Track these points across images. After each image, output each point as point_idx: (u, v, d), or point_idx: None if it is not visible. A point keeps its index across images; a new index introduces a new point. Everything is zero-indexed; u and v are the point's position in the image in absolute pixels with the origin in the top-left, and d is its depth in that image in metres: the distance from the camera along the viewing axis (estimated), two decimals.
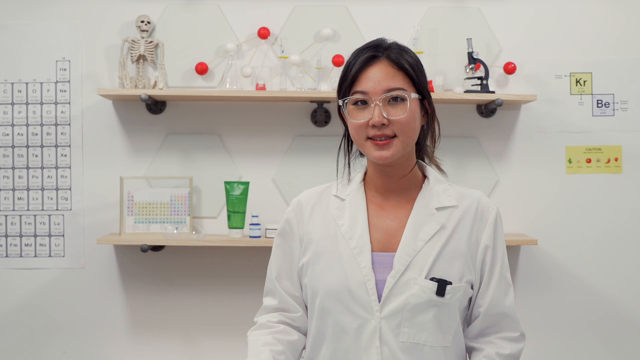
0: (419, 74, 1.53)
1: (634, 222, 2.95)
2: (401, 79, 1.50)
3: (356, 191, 1.60)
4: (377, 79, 1.49)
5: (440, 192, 1.59)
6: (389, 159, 1.50)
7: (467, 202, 1.58)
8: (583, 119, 2.95)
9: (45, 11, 2.90)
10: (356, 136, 1.53)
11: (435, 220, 1.54)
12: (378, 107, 1.48)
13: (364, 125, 1.50)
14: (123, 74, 2.82)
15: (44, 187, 2.92)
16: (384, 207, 1.58)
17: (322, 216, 1.60)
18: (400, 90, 1.49)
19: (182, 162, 2.92)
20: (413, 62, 1.53)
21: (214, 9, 2.92)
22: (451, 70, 2.92)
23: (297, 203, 1.64)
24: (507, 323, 1.57)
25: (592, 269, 2.95)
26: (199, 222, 2.93)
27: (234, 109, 2.91)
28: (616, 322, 2.95)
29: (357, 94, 1.50)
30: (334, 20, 2.91)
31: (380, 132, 1.48)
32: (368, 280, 1.50)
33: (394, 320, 1.49)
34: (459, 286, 1.51)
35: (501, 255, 1.57)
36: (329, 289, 1.53)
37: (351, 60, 1.53)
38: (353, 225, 1.56)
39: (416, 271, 1.50)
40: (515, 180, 2.94)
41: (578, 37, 2.95)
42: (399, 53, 1.52)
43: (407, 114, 1.49)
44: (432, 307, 1.49)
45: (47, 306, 2.92)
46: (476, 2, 2.93)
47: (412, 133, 1.53)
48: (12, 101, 2.91)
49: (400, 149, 1.51)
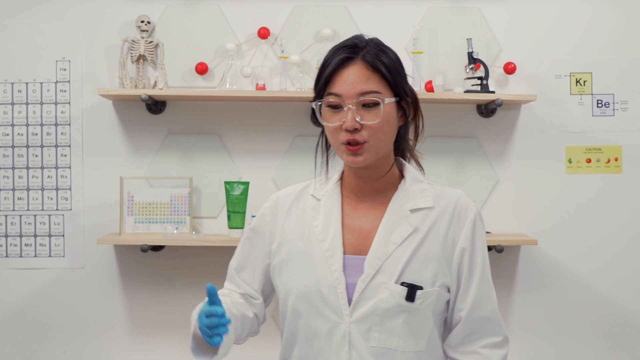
0: (396, 75, 1.49)
1: (634, 222, 2.95)
2: (376, 82, 1.46)
3: (332, 191, 1.57)
4: (351, 82, 1.45)
5: (416, 193, 1.54)
6: (361, 163, 1.47)
7: (445, 202, 1.54)
8: (583, 119, 2.95)
9: (45, 11, 2.90)
10: (332, 139, 1.50)
11: (408, 222, 1.51)
12: (351, 111, 1.44)
13: (337, 129, 1.46)
14: (123, 74, 2.82)
15: (44, 187, 2.92)
16: (358, 208, 1.55)
17: (298, 216, 1.58)
18: (375, 94, 1.45)
19: (182, 162, 2.92)
20: (390, 63, 1.48)
21: (214, 9, 2.92)
22: (451, 70, 2.92)
23: (275, 200, 1.62)
24: (490, 327, 1.54)
25: (592, 269, 2.95)
26: (199, 222, 2.93)
27: (234, 109, 2.91)
28: (616, 322, 2.95)
29: (331, 96, 1.47)
30: (334, 20, 2.91)
31: (353, 136, 1.45)
32: (339, 283, 1.48)
33: (363, 324, 1.47)
34: (431, 291, 1.48)
35: (481, 258, 1.53)
36: (301, 291, 1.51)
37: (327, 59, 1.49)
38: (326, 226, 1.53)
39: (387, 275, 1.47)
40: (515, 180, 2.94)
41: (578, 37, 2.95)
42: (376, 54, 1.47)
43: (380, 119, 1.45)
44: (402, 312, 1.46)
45: (47, 306, 2.92)
46: (476, 2, 2.93)
47: (385, 137, 1.49)
48: (12, 101, 2.91)
49: (373, 154, 1.48)
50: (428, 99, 2.80)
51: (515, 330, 2.94)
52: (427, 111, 2.92)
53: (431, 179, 1.65)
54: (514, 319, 2.94)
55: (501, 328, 1.55)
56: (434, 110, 2.92)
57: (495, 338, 1.54)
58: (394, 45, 2.97)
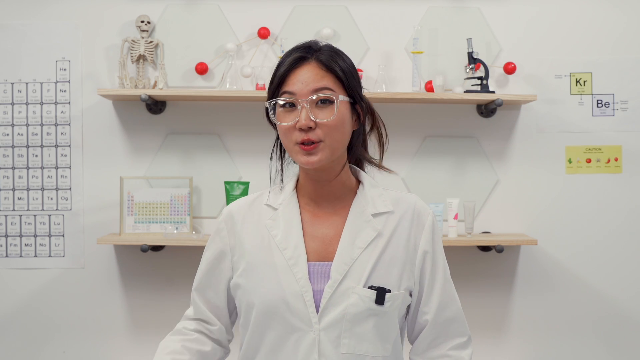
0: (350, 78, 1.48)
1: (634, 222, 2.95)
2: (330, 81, 1.45)
3: (289, 200, 1.54)
4: (304, 80, 1.44)
5: (375, 198, 1.53)
6: (316, 164, 1.44)
7: (404, 207, 1.53)
8: (583, 119, 2.95)
9: (45, 11, 2.90)
10: (285, 140, 1.47)
11: (371, 226, 1.50)
12: (305, 109, 1.42)
13: (291, 129, 1.44)
14: (123, 74, 2.82)
15: (44, 187, 2.92)
16: (318, 215, 1.53)
17: (254, 227, 1.54)
18: (328, 91, 1.44)
19: (182, 162, 2.92)
20: (344, 65, 1.48)
21: (214, 9, 2.92)
22: (451, 70, 2.92)
23: (228, 213, 1.58)
24: (456, 328, 1.54)
25: (592, 269, 2.95)
26: (199, 222, 2.93)
27: (234, 109, 2.91)
28: (616, 322, 2.95)
29: (285, 94, 1.45)
30: (334, 20, 2.91)
31: (307, 135, 1.43)
32: (305, 291, 1.45)
33: (333, 331, 1.45)
34: (398, 293, 1.47)
35: (442, 260, 1.54)
36: (264, 301, 1.47)
37: (281, 61, 1.49)
38: (287, 235, 1.50)
39: (354, 280, 1.45)
40: (515, 180, 2.94)
41: (578, 37, 2.95)
42: (330, 55, 1.47)
43: (334, 116, 1.43)
44: (372, 316, 1.45)
45: (47, 306, 2.92)
46: (476, 2, 2.93)
47: (340, 137, 1.46)
48: (12, 101, 2.91)
49: (328, 154, 1.45)
50: (428, 99, 2.80)
51: (515, 330, 2.94)
52: (427, 111, 2.95)
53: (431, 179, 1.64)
54: (514, 319, 2.94)
55: (465, 328, 1.56)
56: (434, 110, 2.92)
57: (461, 338, 1.55)
58: (394, 45, 3.00)
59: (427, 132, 2.94)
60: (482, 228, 2.94)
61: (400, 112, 2.92)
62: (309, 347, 1.45)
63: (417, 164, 2.93)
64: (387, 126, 2.97)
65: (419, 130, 2.93)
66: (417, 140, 2.93)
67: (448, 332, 1.53)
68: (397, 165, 2.92)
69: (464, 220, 2.86)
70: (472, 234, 2.84)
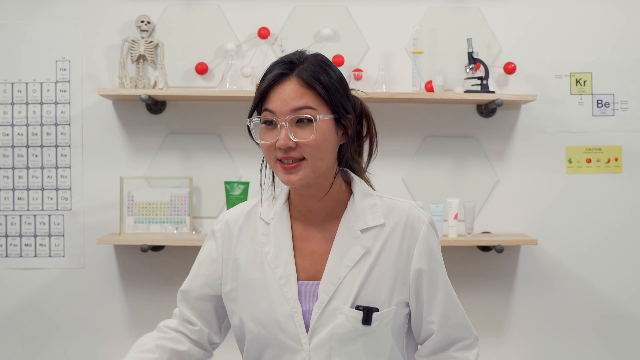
0: (334, 93, 1.42)
1: (634, 222, 2.95)
2: (311, 98, 1.40)
3: (280, 214, 1.52)
4: (284, 99, 1.39)
5: (366, 210, 1.49)
6: (296, 183, 1.41)
7: (396, 218, 1.49)
8: (583, 119, 2.95)
9: (45, 11, 2.90)
10: (267, 157, 1.45)
11: (359, 244, 1.46)
12: (284, 128, 1.38)
13: (271, 147, 1.41)
14: (123, 74, 2.82)
15: (44, 187, 2.92)
16: (308, 230, 1.50)
17: (249, 241, 1.53)
18: (308, 110, 1.39)
19: (182, 162, 2.92)
20: (327, 80, 1.41)
21: (214, 9, 2.92)
22: (451, 70, 2.92)
23: (224, 224, 1.56)
24: (462, 331, 1.53)
25: (592, 269, 2.95)
26: (199, 222, 2.93)
27: (234, 109, 2.91)
28: (616, 322, 2.95)
29: (266, 112, 1.42)
30: (334, 20, 2.91)
31: (287, 154, 1.40)
32: (295, 312, 1.44)
33: (322, 351, 1.44)
34: (388, 311, 1.45)
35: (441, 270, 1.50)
36: (257, 319, 1.47)
37: (264, 75, 1.45)
38: (278, 252, 1.48)
39: (341, 300, 1.43)
40: (515, 180, 2.94)
41: (578, 37, 2.95)
42: (313, 71, 1.41)
43: (314, 136, 1.38)
44: (360, 336, 1.43)
45: (47, 306, 2.92)
46: (476, 2, 2.93)
47: (323, 155, 1.42)
48: (12, 101, 2.91)
49: (310, 172, 1.41)
50: (428, 99, 2.80)
51: (515, 330, 2.94)
52: (427, 111, 2.95)
53: (431, 179, 1.63)
54: (514, 319, 2.94)
55: (471, 330, 1.54)
56: (434, 110, 2.92)
57: (468, 340, 1.54)
58: (394, 45, 3.00)
59: (427, 132, 2.94)
60: (482, 228, 2.94)
61: (400, 112, 2.92)
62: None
63: (417, 164, 2.93)
64: (387, 126, 2.99)
65: (419, 130, 2.93)
66: (417, 140, 2.93)
67: (454, 336, 1.52)
68: (397, 165, 2.93)
69: (464, 220, 2.86)
70: (472, 234, 2.84)
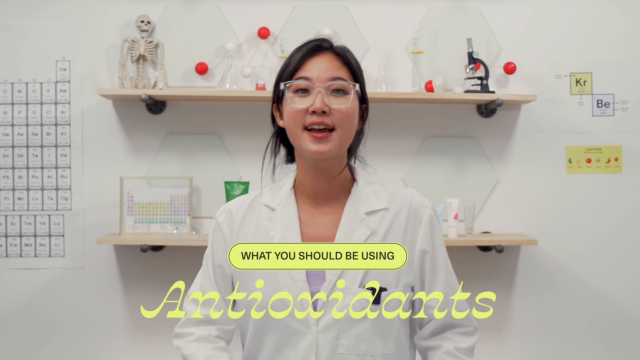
0: (361, 75, 1.52)
1: (634, 222, 2.95)
2: (346, 73, 1.48)
3: (287, 199, 1.54)
4: (322, 68, 1.46)
5: (370, 195, 1.53)
6: (325, 153, 1.44)
7: (399, 202, 1.53)
8: (583, 119, 2.95)
9: (45, 11, 2.90)
10: (292, 125, 1.46)
11: (365, 225, 1.49)
12: (321, 94, 1.43)
13: (302, 112, 1.44)
14: (123, 74, 2.82)
15: (44, 187, 2.92)
16: (315, 215, 1.53)
17: (253, 227, 1.54)
18: (345, 82, 1.46)
19: (182, 162, 2.92)
20: (357, 62, 1.52)
21: (214, 9, 2.92)
22: (451, 70, 2.92)
23: (227, 211, 1.57)
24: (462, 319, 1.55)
25: (592, 269, 2.95)
26: (199, 222, 2.93)
27: (234, 109, 2.91)
28: (616, 321, 2.95)
29: (301, 79, 1.45)
30: (334, 20, 2.91)
31: (320, 119, 1.43)
32: (303, 293, 1.46)
33: (330, 332, 1.45)
34: (396, 292, 1.47)
35: (442, 254, 1.54)
36: (264, 303, 1.47)
37: (294, 52, 1.49)
38: (285, 236, 1.50)
39: (349, 280, 1.45)
40: (515, 180, 2.94)
41: (578, 37, 2.95)
42: (344, 50, 1.51)
43: (349, 104, 1.45)
44: (369, 315, 1.45)
45: (47, 306, 2.92)
46: (476, 2, 2.93)
47: (350, 129, 1.47)
48: (12, 101, 2.91)
49: (337, 145, 1.45)
50: (428, 99, 2.80)
51: (515, 330, 2.94)
52: (427, 111, 2.95)
53: (431, 179, 1.65)
54: (514, 319, 2.94)
55: (471, 319, 1.57)
56: (434, 110, 2.92)
57: (467, 328, 1.56)
58: (394, 45, 3.00)
59: (427, 132, 2.94)
60: (482, 228, 2.94)
61: (400, 112, 2.92)
62: (308, 349, 1.45)
63: (417, 164, 2.93)
64: (387, 126, 2.99)
65: (419, 130, 2.93)
66: (417, 140, 2.93)
67: (453, 321, 1.55)
68: (397, 165, 2.93)
69: (464, 220, 2.86)
70: (472, 234, 2.84)
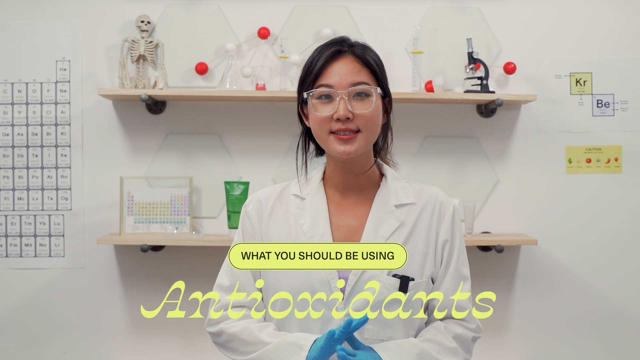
0: (382, 72, 1.55)
1: (634, 222, 2.95)
2: (366, 75, 1.51)
3: (316, 190, 1.60)
4: (342, 73, 1.49)
5: (398, 190, 1.60)
6: (352, 154, 1.50)
7: (425, 198, 1.60)
8: (583, 119, 2.95)
9: (45, 11, 2.90)
10: (318, 130, 1.52)
11: (394, 217, 1.55)
12: (343, 100, 1.48)
13: (327, 119, 1.49)
14: (123, 74, 2.82)
15: (44, 187, 2.92)
16: (343, 206, 1.58)
17: (282, 216, 1.60)
18: (366, 85, 1.50)
19: (182, 162, 2.92)
20: (377, 59, 1.55)
21: (214, 9, 2.92)
22: (451, 70, 2.92)
23: (257, 200, 1.63)
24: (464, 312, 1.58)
25: (592, 269, 2.95)
26: (199, 222, 2.93)
27: (234, 109, 2.92)
28: (616, 321, 2.95)
29: (322, 87, 1.50)
30: (334, 20, 2.91)
31: (345, 126, 1.48)
32: (331, 278, 1.50)
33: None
34: (421, 282, 1.53)
35: (457, 249, 1.58)
36: (292, 288, 1.52)
37: (315, 56, 1.53)
38: (314, 224, 1.55)
39: None
40: (515, 180, 2.94)
41: (578, 37, 2.95)
42: (364, 49, 1.54)
43: (372, 108, 1.49)
44: (395, 303, 1.50)
45: (47, 306, 2.92)
46: (476, 2, 2.93)
47: (375, 129, 1.53)
48: (12, 101, 2.91)
49: (364, 144, 1.51)
50: (428, 99, 2.80)
51: (515, 330, 2.94)
52: (427, 111, 2.95)
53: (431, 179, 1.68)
54: (514, 319, 2.94)
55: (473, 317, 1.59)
56: (434, 110, 2.92)
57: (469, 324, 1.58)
58: (394, 45, 3.00)
59: (427, 132, 2.94)
60: (482, 228, 2.94)
61: (400, 112, 2.91)
62: None
63: (417, 164, 2.93)
64: None
65: (419, 130, 2.93)
66: (417, 140, 2.93)
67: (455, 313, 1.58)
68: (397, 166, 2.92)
69: (464, 220, 2.86)
70: (472, 234, 2.84)
